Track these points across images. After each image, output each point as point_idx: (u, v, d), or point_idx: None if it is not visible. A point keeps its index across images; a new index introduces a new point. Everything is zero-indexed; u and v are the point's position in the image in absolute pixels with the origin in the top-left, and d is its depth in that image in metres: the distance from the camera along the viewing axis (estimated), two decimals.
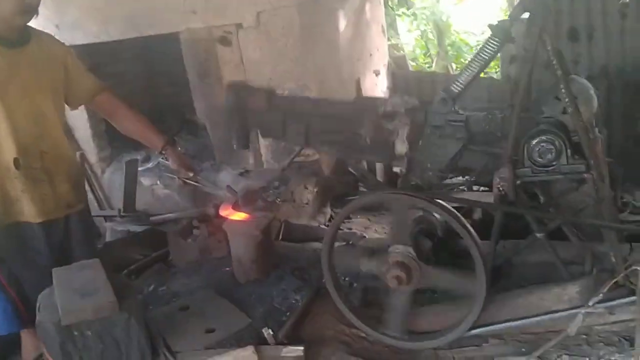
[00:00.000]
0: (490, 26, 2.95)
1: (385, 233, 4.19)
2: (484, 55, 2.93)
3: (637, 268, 2.29)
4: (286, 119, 3.49)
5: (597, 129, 3.03)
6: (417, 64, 8.08)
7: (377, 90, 5.71)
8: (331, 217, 4.66)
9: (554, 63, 2.79)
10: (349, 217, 4.49)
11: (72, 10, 5.02)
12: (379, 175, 5.14)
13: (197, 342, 3.12)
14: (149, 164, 5.75)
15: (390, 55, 6.19)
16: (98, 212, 5.36)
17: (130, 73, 6.32)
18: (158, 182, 5.52)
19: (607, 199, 2.95)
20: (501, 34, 2.86)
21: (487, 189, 4.48)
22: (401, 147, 3.05)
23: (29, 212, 3.10)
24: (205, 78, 4.97)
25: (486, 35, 2.99)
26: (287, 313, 3.37)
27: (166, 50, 5.35)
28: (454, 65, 8.26)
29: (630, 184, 4.74)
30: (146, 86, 6.57)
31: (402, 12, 8.42)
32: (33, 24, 3.07)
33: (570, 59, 5.10)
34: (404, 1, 8.53)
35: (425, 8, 8.39)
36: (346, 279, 3.60)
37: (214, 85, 4.96)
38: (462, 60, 8.50)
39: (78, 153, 5.50)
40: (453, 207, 2.94)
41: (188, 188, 4.88)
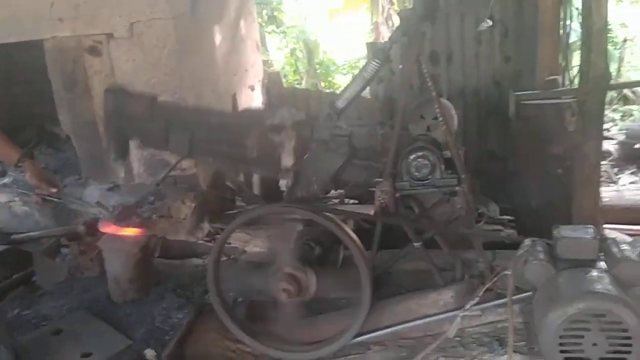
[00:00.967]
0: (372, 47, 3.14)
1: (267, 247, 4.21)
2: (365, 75, 3.09)
3: (508, 273, 2.52)
4: (169, 128, 3.35)
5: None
6: (286, 80, 8.23)
7: (252, 105, 5.74)
8: (209, 232, 4.59)
9: (430, 85, 3.02)
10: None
11: None
12: (256, 189, 5.16)
13: None
14: (5, 179, 5.29)
15: (264, 71, 6.25)
16: None
17: None
18: (16, 199, 5.09)
19: (473, 210, 3.24)
20: (381, 55, 3.03)
21: (357, 201, 4.71)
22: (287, 160, 3.10)
23: None
24: (72, 89, 4.68)
25: (353, 55, 3.16)
26: (170, 332, 3.29)
27: (26, 58, 4.98)
28: (322, 84, 8.55)
29: (484, 196, 5.20)
30: (2, 95, 6.05)
31: (272, 30, 8.57)
32: None
33: None
34: (274, 19, 8.69)
35: (295, 27, 8.62)
36: (231, 294, 3.57)
37: (81, 97, 4.69)
38: (330, 79, 8.82)
39: None
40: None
41: (49, 205, 4.52)
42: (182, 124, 3.32)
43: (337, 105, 3.11)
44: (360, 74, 3.10)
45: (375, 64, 3.04)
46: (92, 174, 4.90)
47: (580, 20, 3.97)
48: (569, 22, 4.94)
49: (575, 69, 4.81)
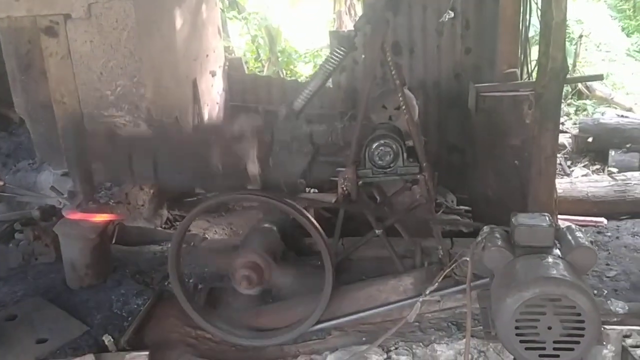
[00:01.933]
0: (334, 36, 3.14)
1: (226, 234, 4.20)
2: (330, 64, 3.10)
3: (467, 259, 2.56)
4: (132, 159, 3.26)
5: None
6: (248, 68, 8.16)
7: (213, 91, 5.68)
8: (168, 219, 4.54)
9: (393, 74, 3.05)
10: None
11: None
12: None
13: (27, 353, 2.89)
14: None
15: (226, 57, 6.19)
16: None
17: None
18: None
19: (434, 198, 3.29)
20: (347, 43, 3.04)
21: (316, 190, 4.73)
22: (253, 168, 3.08)
23: None
24: (27, 71, 4.56)
25: (315, 44, 3.18)
26: (129, 318, 3.24)
27: None
28: (284, 72, 8.50)
29: (442, 187, 5.29)
30: None
31: (234, 16, 8.46)
32: None
33: None
34: (235, 4, 8.57)
35: (256, 13, 8.53)
36: (191, 280, 3.55)
37: (36, 79, 4.57)
38: (292, 67, 8.78)
39: None
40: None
41: None
42: (143, 151, 3.24)
43: (295, 105, 3.12)
44: (321, 68, 3.10)
45: (341, 52, 3.05)
46: (47, 159, 4.78)
47: (540, 15, 4.06)
48: (528, 16, 5.04)
49: (534, 63, 4.93)
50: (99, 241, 3.51)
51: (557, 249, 2.44)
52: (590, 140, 6.56)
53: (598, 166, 6.37)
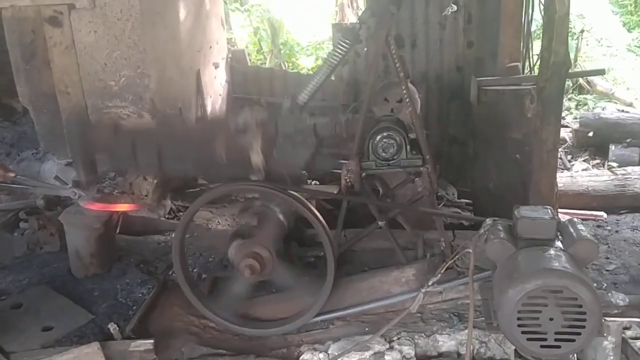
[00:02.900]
0: (337, 28, 3.16)
1: (230, 225, 4.22)
2: (333, 60, 3.12)
3: (469, 251, 2.59)
4: (135, 149, 3.28)
5: None
6: (250, 60, 8.16)
7: (216, 82, 5.68)
8: (171, 209, 4.56)
9: (397, 67, 3.07)
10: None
11: None
12: None
13: (33, 340, 2.93)
14: None
15: (229, 49, 6.19)
16: None
17: None
18: None
19: (436, 190, 3.32)
20: (351, 36, 3.05)
21: (318, 182, 4.75)
22: (257, 159, 3.09)
23: None
24: (31, 60, 4.54)
25: (317, 37, 3.19)
26: (134, 307, 3.28)
27: None
28: (286, 64, 8.50)
29: (443, 180, 5.32)
30: None
31: (236, 8, 8.46)
32: None
33: None
34: None
35: (259, 5, 8.52)
36: (195, 270, 3.58)
37: (40, 69, 4.56)
38: (294, 59, 8.78)
39: None
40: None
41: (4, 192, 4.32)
42: (147, 142, 3.27)
43: (300, 99, 3.13)
44: (325, 62, 3.12)
45: (345, 45, 3.06)
46: (50, 148, 4.78)
47: (542, 10, 4.07)
48: (530, 10, 5.05)
49: (536, 57, 4.94)
50: (103, 230, 3.54)
51: (559, 242, 2.47)
52: (590, 134, 6.59)
53: (598, 160, 6.39)
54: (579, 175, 5.51)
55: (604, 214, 4.84)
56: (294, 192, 3.10)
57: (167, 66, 4.73)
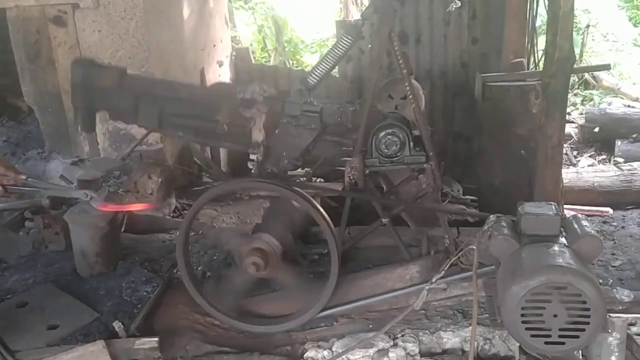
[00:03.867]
0: (341, 25, 3.14)
1: (234, 223, 4.22)
2: (337, 52, 3.10)
3: (473, 248, 2.58)
4: (138, 101, 3.26)
5: None
6: (254, 57, 8.17)
7: (219, 81, 5.69)
8: (176, 208, 4.57)
9: (400, 63, 3.06)
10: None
11: None
12: (223, 166, 5.15)
13: (38, 339, 2.94)
14: None
15: (233, 47, 6.20)
16: None
17: None
18: None
19: (440, 187, 3.31)
20: (354, 32, 3.04)
21: (323, 180, 4.75)
22: (258, 135, 3.08)
23: None
24: (36, 60, 4.57)
25: (322, 34, 3.17)
26: (138, 305, 3.28)
27: None
28: (290, 62, 8.50)
29: (448, 177, 5.30)
30: None
31: (240, 6, 8.46)
32: None
33: None
34: None
35: (263, 3, 8.53)
36: (199, 268, 3.59)
37: (44, 68, 4.59)
38: (299, 57, 8.78)
39: None
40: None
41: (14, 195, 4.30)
42: (151, 97, 3.23)
43: (309, 81, 3.11)
44: (331, 50, 3.11)
45: (348, 40, 3.05)
46: (55, 148, 4.81)
47: (546, 5, 4.05)
48: (535, 6, 5.03)
49: (541, 52, 4.92)
50: (108, 229, 3.55)
51: (563, 238, 2.46)
52: (596, 130, 6.56)
53: (604, 156, 6.36)
54: (584, 171, 5.48)
55: (610, 210, 4.82)
56: (298, 189, 3.09)
57: (171, 65, 4.75)
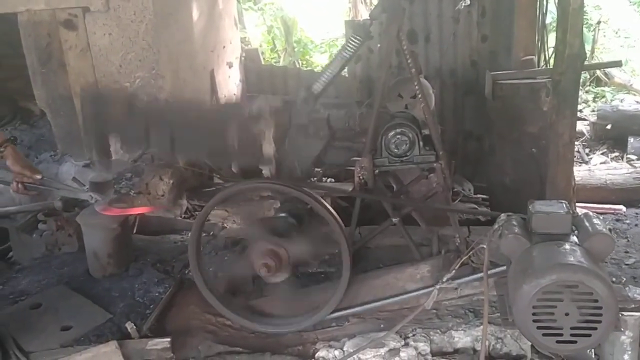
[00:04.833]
0: (350, 25, 3.15)
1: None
2: (345, 55, 3.11)
3: (484, 247, 2.58)
4: (149, 128, 3.30)
5: None
6: (264, 58, 8.19)
7: (230, 82, 5.71)
8: (187, 209, 4.59)
9: (409, 62, 3.06)
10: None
11: None
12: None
13: (52, 340, 2.97)
14: None
15: (242, 48, 6.22)
16: None
17: None
18: None
19: (450, 186, 3.30)
20: (362, 32, 3.05)
21: (334, 180, 4.75)
22: (268, 148, 3.10)
23: None
24: (47, 63, 4.61)
25: (331, 34, 3.18)
26: (151, 306, 3.30)
27: None
28: (300, 62, 8.52)
29: (459, 175, 5.29)
30: None
31: (249, 7, 8.49)
32: None
33: None
34: None
35: (272, 4, 8.55)
36: (211, 268, 3.60)
37: (56, 71, 4.63)
38: (308, 57, 8.79)
39: None
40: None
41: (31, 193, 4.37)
42: (161, 122, 3.28)
43: (314, 89, 3.13)
44: (338, 55, 3.12)
45: (356, 41, 3.06)
46: (67, 150, 4.85)
47: (556, 2, 4.03)
48: (545, 3, 5.00)
49: (551, 50, 4.89)
50: (120, 231, 3.58)
51: (575, 236, 2.45)
52: (608, 127, 6.51)
53: (617, 153, 6.31)
54: (597, 168, 5.45)
55: (623, 208, 4.78)
56: (308, 190, 3.10)
57: (181, 67, 4.77)
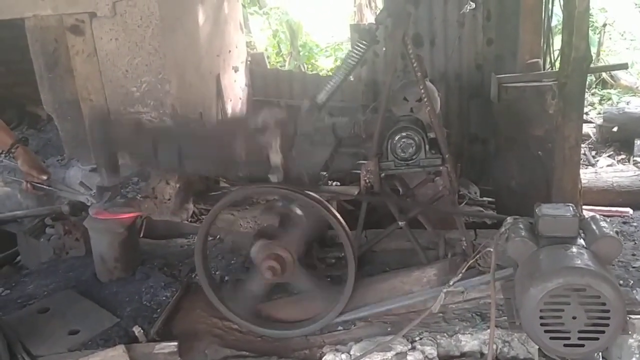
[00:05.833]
0: (355, 29, 3.16)
1: (251, 227, 4.24)
2: (350, 62, 3.13)
3: (491, 250, 2.57)
4: (157, 146, 3.33)
5: None
6: (269, 62, 8.22)
7: (236, 86, 5.74)
8: (194, 213, 4.60)
9: (415, 66, 3.06)
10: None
11: None
12: None
13: (60, 344, 2.97)
14: None
15: (248, 52, 6.24)
16: None
17: None
18: None
19: (457, 189, 3.31)
20: (368, 37, 3.05)
21: (339, 183, 4.76)
22: (276, 158, 3.11)
23: None
24: (54, 69, 4.64)
25: (336, 38, 3.20)
26: (158, 310, 3.30)
27: (6, 37, 4.92)
28: (305, 66, 8.54)
29: (465, 178, 5.28)
30: None
31: (255, 11, 8.52)
32: None
33: None
34: (256, 0, 8.64)
35: (277, 8, 8.57)
36: (217, 272, 3.61)
37: (63, 77, 4.65)
38: (314, 61, 8.81)
39: None
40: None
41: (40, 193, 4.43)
42: (168, 140, 3.31)
43: (319, 99, 3.14)
44: (344, 62, 3.13)
45: (362, 46, 3.07)
46: (74, 155, 4.87)
47: (562, 4, 4.02)
48: (550, 6, 5.00)
49: (557, 53, 4.88)
50: (127, 235, 3.59)
51: (582, 239, 2.44)
52: (615, 129, 6.50)
53: (623, 156, 6.30)
54: (603, 171, 5.43)
55: (630, 210, 4.76)
56: (313, 193, 3.10)
57: (187, 71, 4.80)
